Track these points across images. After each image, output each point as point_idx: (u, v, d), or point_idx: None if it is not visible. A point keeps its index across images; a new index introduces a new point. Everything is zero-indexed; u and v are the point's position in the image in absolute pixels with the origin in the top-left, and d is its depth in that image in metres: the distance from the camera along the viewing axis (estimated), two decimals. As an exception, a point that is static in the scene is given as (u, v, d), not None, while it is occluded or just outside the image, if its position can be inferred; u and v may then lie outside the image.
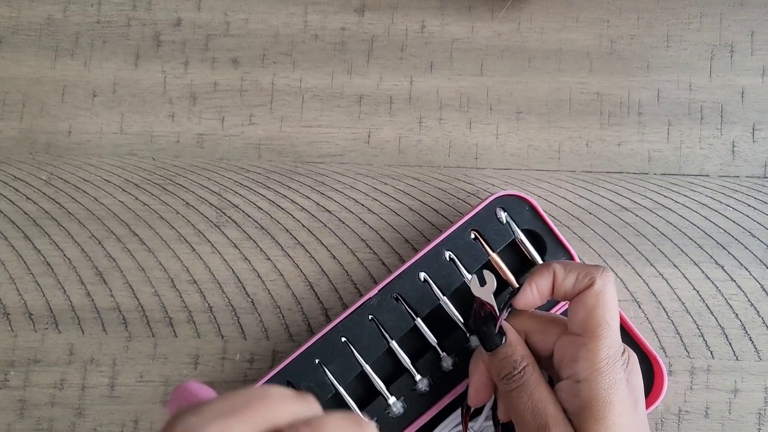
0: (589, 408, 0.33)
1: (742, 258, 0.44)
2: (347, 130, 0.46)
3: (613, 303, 0.34)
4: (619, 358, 0.34)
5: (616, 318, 0.34)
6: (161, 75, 0.47)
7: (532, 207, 0.42)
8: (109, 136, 0.47)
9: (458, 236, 0.41)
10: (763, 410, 0.43)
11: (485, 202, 0.42)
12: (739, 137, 0.46)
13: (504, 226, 0.42)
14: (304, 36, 0.47)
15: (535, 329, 0.36)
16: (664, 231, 0.45)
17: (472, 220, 0.42)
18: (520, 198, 0.42)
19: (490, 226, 0.42)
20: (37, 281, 0.45)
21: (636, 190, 0.45)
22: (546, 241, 0.42)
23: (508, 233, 0.42)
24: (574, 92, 0.46)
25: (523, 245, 0.42)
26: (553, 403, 0.34)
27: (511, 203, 0.42)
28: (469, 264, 0.41)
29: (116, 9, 0.48)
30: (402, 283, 0.41)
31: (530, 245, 0.42)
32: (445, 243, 0.41)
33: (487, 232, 0.42)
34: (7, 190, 0.46)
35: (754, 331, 0.44)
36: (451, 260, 0.41)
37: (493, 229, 0.42)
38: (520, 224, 0.42)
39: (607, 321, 0.34)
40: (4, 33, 0.48)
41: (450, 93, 0.46)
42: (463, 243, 0.42)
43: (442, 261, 0.41)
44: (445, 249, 0.41)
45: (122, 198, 0.46)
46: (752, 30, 0.46)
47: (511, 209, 0.42)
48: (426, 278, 0.41)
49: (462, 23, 0.47)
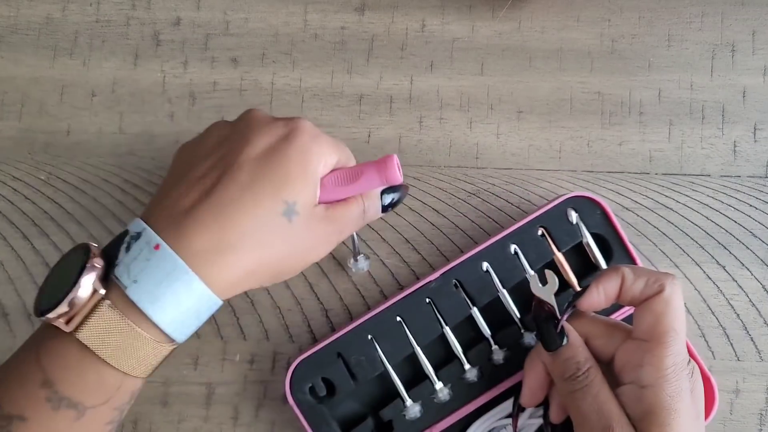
0: (654, 414, 0.32)
1: (743, 258, 0.44)
2: (347, 130, 0.46)
3: (682, 311, 0.34)
4: (685, 367, 0.33)
5: (683, 326, 0.34)
6: (160, 74, 0.47)
7: (604, 211, 0.42)
8: (108, 135, 0.46)
9: (526, 231, 0.41)
10: (765, 411, 0.43)
11: (557, 201, 0.41)
12: (741, 137, 0.45)
13: (573, 227, 0.42)
14: (304, 35, 0.47)
15: (596, 333, 0.36)
16: (666, 231, 0.45)
17: (541, 216, 0.41)
18: (592, 201, 0.42)
19: (559, 225, 0.42)
20: (36, 281, 0.45)
21: (637, 190, 0.45)
22: (613, 248, 0.42)
23: (576, 235, 0.42)
24: (575, 92, 0.46)
25: (590, 249, 0.42)
26: (617, 405, 0.33)
27: (583, 205, 0.42)
28: (533, 260, 0.41)
29: (115, 8, 0.47)
30: (464, 270, 0.41)
31: (597, 250, 0.42)
32: (512, 236, 0.41)
33: (555, 230, 0.41)
34: (5, 190, 0.46)
35: (755, 331, 0.44)
36: (516, 254, 0.41)
37: (561, 229, 0.42)
38: (590, 227, 0.42)
39: (675, 328, 0.33)
40: (3, 32, 0.47)
41: (450, 92, 0.46)
42: (530, 238, 0.41)
43: (507, 254, 0.41)
44: (511, 242, 0.41)
45: (121, 198, 0.46)
46: (754, 29, 0.46)
47: (582, 211, 0.42)
48: (488, 268, 0.41)
49: (462, 22, 0.47)
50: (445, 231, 0.45)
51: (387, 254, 0.45)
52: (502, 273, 0.41)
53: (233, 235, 0.32)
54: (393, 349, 0.40)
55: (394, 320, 0.41)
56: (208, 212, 0.32)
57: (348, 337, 0.40)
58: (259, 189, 0.33)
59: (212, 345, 0.44)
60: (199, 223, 0.32)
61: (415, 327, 0.41)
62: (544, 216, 0.41)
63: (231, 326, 0.44)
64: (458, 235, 0.45)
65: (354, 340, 0.40)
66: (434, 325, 0.41)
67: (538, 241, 0.41)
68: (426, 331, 0.41)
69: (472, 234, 0.45)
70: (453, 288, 0.41)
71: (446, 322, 0.41)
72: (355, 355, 0.40)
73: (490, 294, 0.41)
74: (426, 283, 0.41)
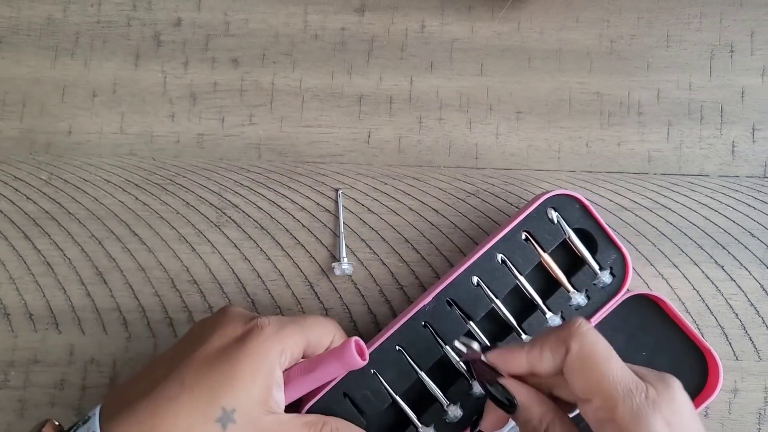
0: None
1: (742, 258, 0.44)
2: (347, 130, 0.46)
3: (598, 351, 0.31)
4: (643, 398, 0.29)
5: (610, 358, 0.31)
6: (161, 75, 0.47)
7: (583, 205, 0.42)
8: (109, 136, 0.47)
9: (510, 238, 0.41)
10: (763, 410, 0.43)
11: (536, 203, 0.41)
12: (739, 137, 0.46)
13: (555, 225, 0.42)
14: (304, 36, 0.47)
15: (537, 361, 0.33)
16: (664, 231, 0.45)
17: (523, 221, 0.41)
18: (570, 197, 0.42)
19: (541, 226, 0.41)
20: (38, 281, 0.45)
21: (636, 190, 0.45)
22: (597, 240, 0.42)
23: (560, 233, 0.42)
24: (574, 92, 0.46)
25: (574, 244, 0.42)
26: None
27: (562, 202, 0.42)
28: (520, 265, 0.41)
29: (116, 9, 0.48)
30: (455, 288, 0.41)
31: (581, 244, 0.42)
32: (497, 246, 0.41)
33: (538, 232, 0.41)
34: (7, 190, 0.46)
35: (753, 330, 0.44)
36: (503, 262, 0.41)
37: (544, 229, 0.41)
38: (571, 223, 0.42)
39: (604, 373, 0.30)
40: (4, 33, 0.48)
41: (450, 93, 0.46)
42: (515, 244, 0.41)
43: (495, 264, 0.41)
44: (497, 252, 0.41)
45: (122, 198, 0.46)
46: (752, 30, 0.46)
47: (561, 208, 0.42)
48: (479, 282, 0.41)
49: (462, 23, 0.47)
50: (444, 231, 0.45)
51: (386, 254, 0.45)
52: (493, 284, 0.41)
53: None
54: (398, 378, 0.40)
55: (394, 350, 0.40)
56: (146, 408, 0.32)
57: (351, 374, 0.39)
58: (198, 392, 0.33)
59: (213, 344, 0.44)
60: (135, 418, 0.32)
61: (416, 352, 0.40)
62: (526, 220, 0.41)
63: (231, 326, 0.44)
64: (457, 234, 0.45)
65: (357, 376, 0.40)
66: (434, 348, 0.41)
67: (523, 245, 0.41)
68: (427, 354, 0.41)
69: (472, 234, 0.45)
70: (447, 307, 0.41)
71: (445, 342, 0.41)
72: (360, 391, 0.40)
73: (484, 306, 0.41)
74: (420, 309, 0.40)
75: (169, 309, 0.45)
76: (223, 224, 0.45)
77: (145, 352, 0.44)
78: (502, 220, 0.45)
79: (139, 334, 0.45)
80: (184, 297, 0.45)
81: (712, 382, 0.41)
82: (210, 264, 0.45)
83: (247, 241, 0.45)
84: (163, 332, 0.44)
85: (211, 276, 0.45)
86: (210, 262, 0.45)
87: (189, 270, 0.45)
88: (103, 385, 0.44)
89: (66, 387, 0.44)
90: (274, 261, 0.45)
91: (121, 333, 0.45)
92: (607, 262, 0.42)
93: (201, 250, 0.45)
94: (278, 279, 0.45)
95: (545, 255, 0.42)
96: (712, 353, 0.41)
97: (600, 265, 0.42)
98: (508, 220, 0.43)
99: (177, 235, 0.45)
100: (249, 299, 0.45)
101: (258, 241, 0.45)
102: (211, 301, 0.45)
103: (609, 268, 0.42)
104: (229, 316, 0.36)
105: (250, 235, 0.45)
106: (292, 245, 0.45)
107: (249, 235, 0.45)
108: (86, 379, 0.44)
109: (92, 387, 0.44)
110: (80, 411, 0.44)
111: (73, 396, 0.44)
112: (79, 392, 0.44)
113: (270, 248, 0.45)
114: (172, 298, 0.45)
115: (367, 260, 0.45)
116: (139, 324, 0.45)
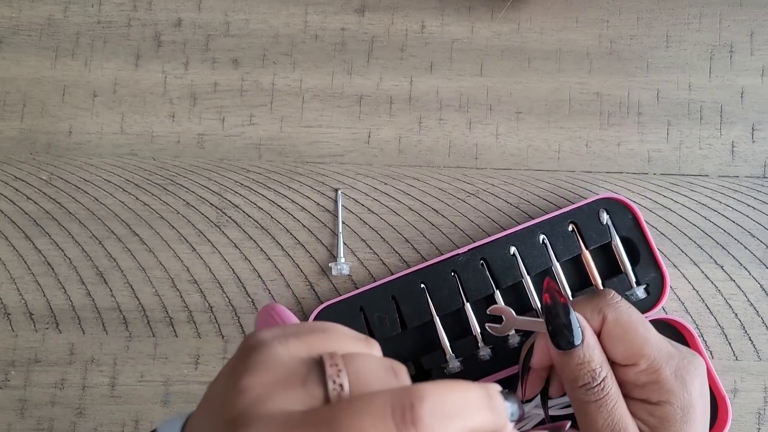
0: (665, 428, 0.32)
1: (741, 258, 0.44)
2: (347, 131, 0.46)
3: (635, 318, 0.33)
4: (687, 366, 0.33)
5: (648, 327, 0.33)
6: (162, 75, 0.47)
7: (635, 216, 0.42)
8: (110, 136, 0.47)
9: (556, 223, 0.42)
10: (763, 410, 0.43)
11: (590, 200, 0.42)
12: (739, 137, 0.46)
13: (603, 227, 0.42)
14: (305, 36, 0.47)
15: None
16: (664, 231, 0.45)
17: (573, 212, 0.42)
18: (625, 205, 0.42)
19: (590, 223, 0.42)
20: (38, 281, 0.45)
21: (635, 190, 0.45)
22: (641, 253, 0.42)
23: (606, 235, 0.42)
24: (574, 92, 0.46)
25: (618, 252, 0.42)
26: (633, 422, 0.32)
27: (615, 207, 0.43)
28: (560, 252, 0.42)
29: (117, 9, 0.48)
30: (492, 250, 0.42)
31: (624, 253, 0.42)
32: (542, 226, 0.42)
33: (585, 228, 0.42)
34: (7, 190, 0.46)
35: (753, 330, 0.44)
36: (544, 244, 0.42)
37: (591, 227, 0.42)
38: (619, 230, 0.42)
39: (646, 338, 0.33)
40: (5, 33, 0.48)
41: (450, 93, 0.47)
42: (560, 231, 0.42)
43: (535, 242, 0.42)
44: (540, 231, 0.42)
45: (123, 198, 0.46)
46: (752, 30, 0.46)
47: (613, 213, 0.42)
48: (516, 253, 0.42)
49: (462, 23, 0.47)
50: (444, 231, 0.45)
51: (386, 254, 0.45)
52: (528, 259, 0.42)
53: None
54: (412, 313, 0.41)
55: (418, 286, 0.41)
56: None
57: (371, 294, 0.41)
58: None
59: (213, 344, 0.44)
60: None
61: (437, 296, 0.41)
62: (576, 212, 0.42)
63: (232, 326, 0.44)
64: (457, 234, 0.45)
65: (376, 298, 0.41)
66: (456, 299, 0.41)
67: (568, 235, 0.42)
68: (447, 302, 0.41)
69: (472, 234, 0.45)
70: (479, 265, 0.42)
71: (467, 298, 0.41)
72: (376, 313, 0.41)
73: (513, 278, 0.42)
74: (454, 255, 0.42)
75: (169, 308, 0.45)
76: (223, 224, 0.45)
77: (146, 352, 0.44)
78: (503, 220, 0.45)
79: (140, 333, 0.45)
80: (185, 296, 0.45)
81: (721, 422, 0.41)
82: (210, 264, 0.45)
83: (248, 241, 0.45)
84: (164, 332, 0.45)
85: (211, 276, 0.45)
86: (210, 262, 0.45)
87: (189, 270, 0.45)
88: (103, 385, 0.44)
89: (66, 386, 0.44)
90: (274, 261, 0.45)
91: (122, 332, 0.45)
92: (645, 278, 0.42)
93: (201, 250, 0.45)
94: (278, 279, 0.45)
95: (586, 251, 0.42)
96: (725, 400, 0.40)
97: (637, 278, 0.42)
98: (525, 214, 0.44)
99: (177, 235, 0.45)
100: (249, 299, 0.45)
101: (258, 241, 0.45)
102: (212, 301, 0.45)
103: (645, 284, 0.42)
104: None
105: (251, 235, 0.45)
106: (292, 245, 0.45)
107: (249, 235, 0.45)
108: (87, 379, 0.44)
109: (93, 386, 0.44)
110: (81, 411, 0.44)
111: (73, 395, 0.44)
112: (79, 392, 0.44)
113: (270, 248, 0.45)
114: (172, 298, 0.45)
115: (367, 260, 0.45)
116: (140, 323, 0.45)
